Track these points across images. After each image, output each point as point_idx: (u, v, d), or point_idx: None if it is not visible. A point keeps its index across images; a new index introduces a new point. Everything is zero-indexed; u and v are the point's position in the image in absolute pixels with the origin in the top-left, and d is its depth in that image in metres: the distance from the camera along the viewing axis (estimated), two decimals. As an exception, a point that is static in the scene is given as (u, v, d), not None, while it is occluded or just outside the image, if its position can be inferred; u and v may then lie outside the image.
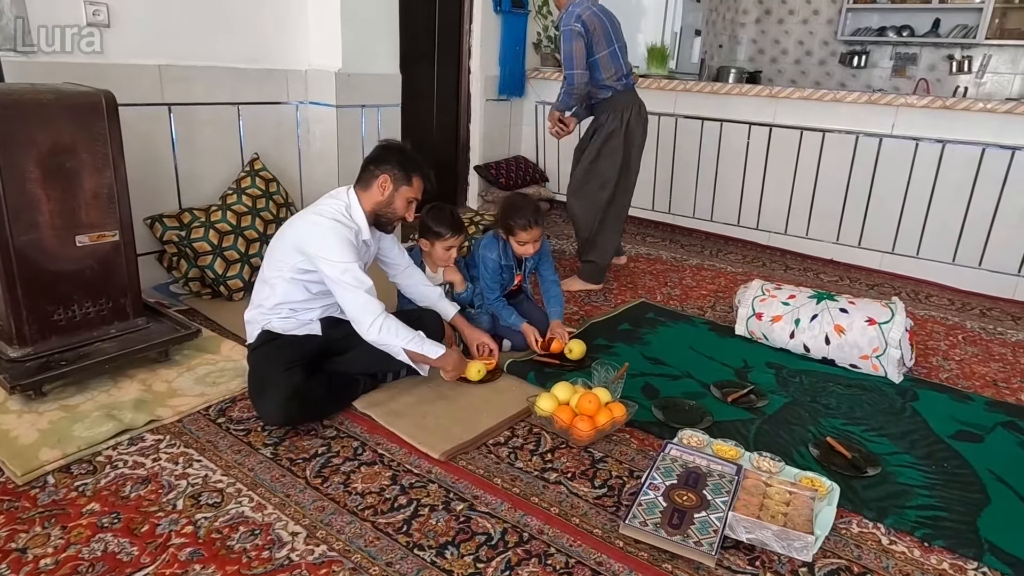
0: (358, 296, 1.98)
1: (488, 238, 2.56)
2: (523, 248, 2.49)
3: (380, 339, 2.01)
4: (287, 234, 2.08)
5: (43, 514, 1.58)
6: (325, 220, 2.03)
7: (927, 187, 3.64)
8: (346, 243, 2.01)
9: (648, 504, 1.66)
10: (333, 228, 2.01)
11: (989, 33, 6.02)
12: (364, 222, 2.12)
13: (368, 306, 1.99)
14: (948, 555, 1.62)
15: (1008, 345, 3.00)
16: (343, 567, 1.47)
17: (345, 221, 2.06)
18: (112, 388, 2.14)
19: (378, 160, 2.11)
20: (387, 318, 2.02)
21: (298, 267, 2.04)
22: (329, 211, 2.06)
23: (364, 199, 2.12)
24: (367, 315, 1.99)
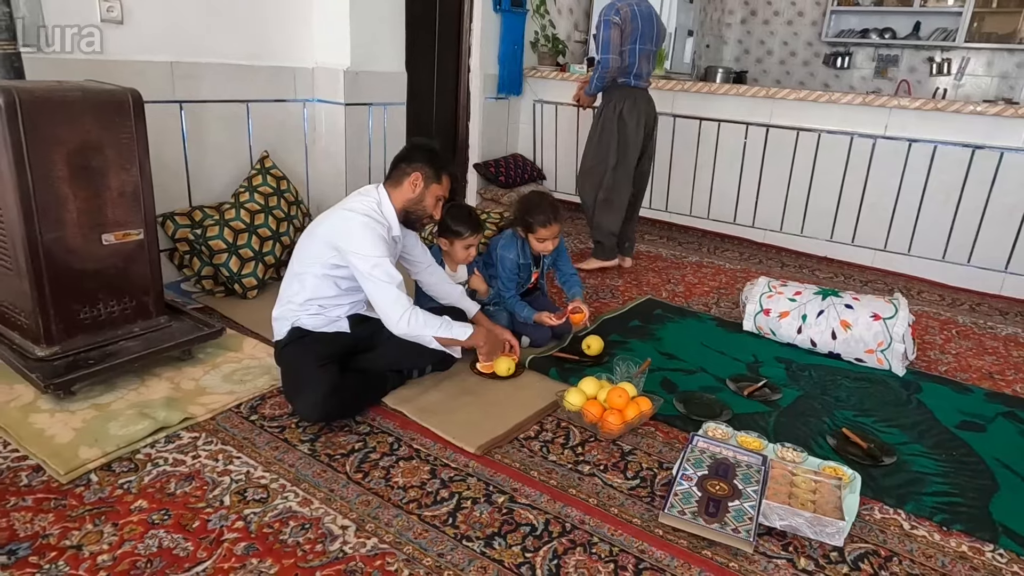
0: (388, 291, 2.02)
1: (506, 237, 2.60)
2: (542, 245, 2.54)
3: (410, 331, 2.05)
4: (319, 230, 2.10)
5: (92, 512, 1.59)
6: (357, 216, 2.06)
7: (919, 187, 3.76)
8: (378, 238, 2.04)
9: (684, 494, 1.73)
10: (365, 223, 2.04)
11: (968, 36, 6.21)
12: (395, 219, 2.15)
13: (398, 300, 2.03)
14: (966, 538, 1.71)
15: (999, 339, 3.13)
16: (396, 559, 1.51)
17: (377, 217, 2.09)
18: (140, 387, 2.14)
19: (409, 158, 2.15)
20: (415, 310, 2.06)
21: (329, 263, 2.06)
22: (361, 207, 2.09)
23: (395, 196, 2.15)
24: (396, 309, 2.02)
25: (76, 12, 2.54)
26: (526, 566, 1.51)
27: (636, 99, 3.48)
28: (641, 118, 3.50)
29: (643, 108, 3.51)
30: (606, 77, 3.42)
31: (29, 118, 1.89)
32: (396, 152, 3.72)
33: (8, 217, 1.97)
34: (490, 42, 4.62)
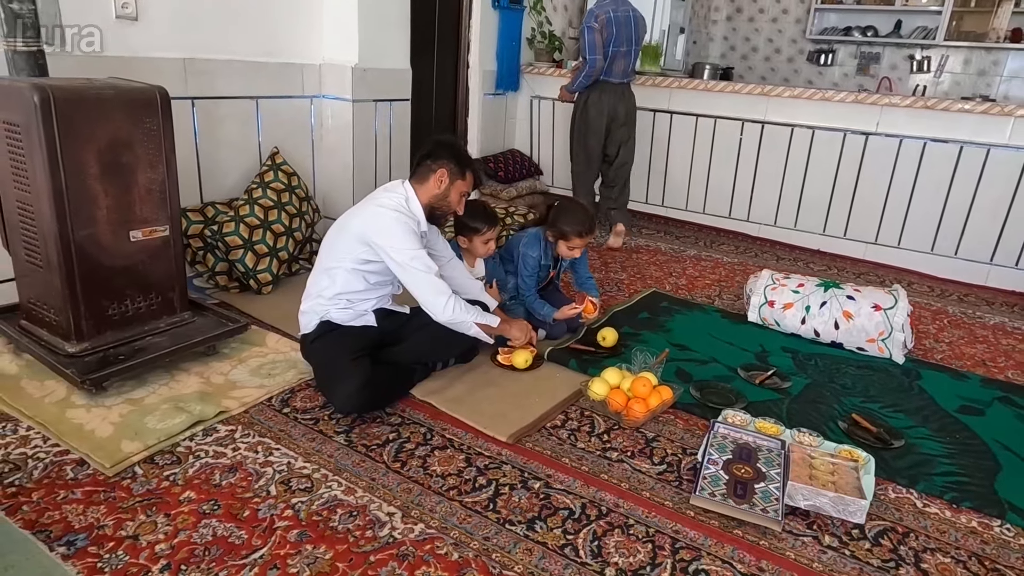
0: (429, 280, 2.08)
1: (530, 236, 2.65)
2: (571, 252, 2.62)
3: (454, 317, 2.12)
4: (350, 225, 2.14)
5: (142, 503, 1.63)
6: (389, 211, 2.10)
7: (909, 182, 3.90)
8: (411, 232, 2.10)
9: (712, 477, 1.81)
10: (398, 218, 2.09)
11: (947, 35, 6.39)
12: (422, 214, 2.19)
13: (440, 288, 2.10)
14: (975, 515, 1.82)
15: (988, 328, 3.27)
16: (444, 543, 1.57)
17: (406, 212, 2.14)
18: (170, 381, 2.17)
19: (435, 155, 2.19)
20: (456, 298, 2.14)
21: (361, 257, 2.11)
22: (390, 202, 2.14)
23: (420, 192, 2.20)
24: (440, 296, 2.09)
25: (91, 10, 2.54)
26: (569, 547, 1.58)
27: (602, 92, 3.95)
28: (604, 108, 3.96)
29: (607, 100, 3.96)
30: (592, 76, 3.87)
31: (63, 115, 1.90)
32: (402, 149, 3.82)
33: (40, 215, 1.98)
34: (489, 38, 4.66)
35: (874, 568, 1.59)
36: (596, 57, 3.80)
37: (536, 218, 2.76)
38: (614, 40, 3.80)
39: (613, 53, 3.83)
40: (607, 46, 3.81)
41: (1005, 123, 3.61)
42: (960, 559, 1.65)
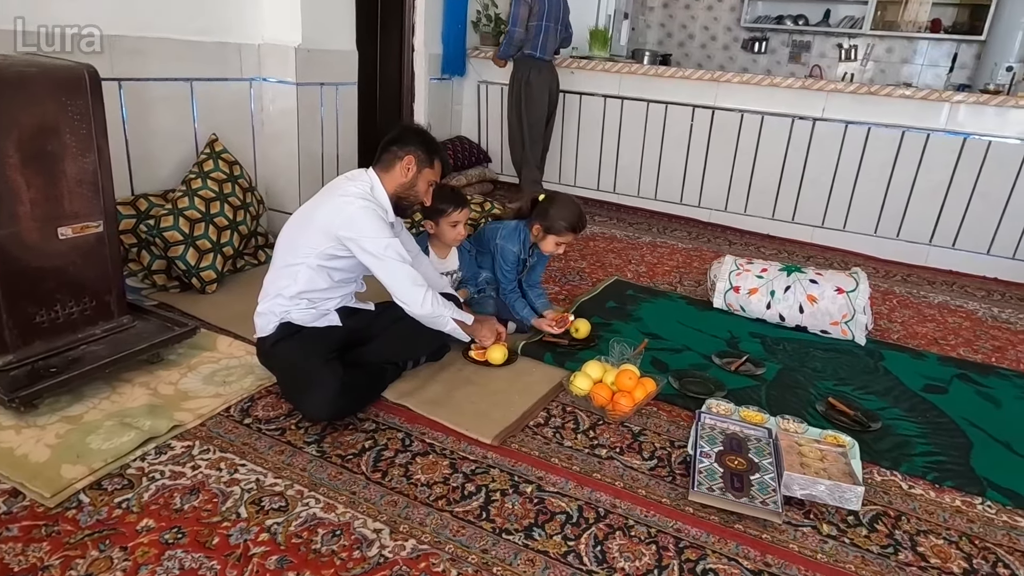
0: (406, 270, 1.96)
1: (509, 230, 2.53)
2: (557, 248, 2.51)
3: (433, 311, 2.00)
4: (314, 218, 1.97)
5: (93, 536, 1.44)
6: (355, 200, 1.95)
7: (854, 166, 4.00)
8: (380, 220, 1.96)
9: (707, 471, 1.76)
10: (365, 207, 1.94)
11: (873, 24, 6.63)
12: (388, 204, 2.05)
13: (417, 279, 1.98)
14: (958, 494, 1.85)
15: (934, 307, 3.39)
16: (440, 559, 1.46)
17: (373, 201, 1.99)
18: (112, 394, 1.95)
19: (402, 141, 2.05)
20: (433, 291, 2.02)
21: (327, 252, 1.95)
22: (356, 191, 1.98)
23: (386, 181, 2.05)
24: (417, 290, 1.97)
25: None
26: (572, 555, 1.50)
27: (541, 70, 4.22)
28: (545, 86, 4.24)
29: (545, 77, 4.24)
30: (512, 45, 4.16)
31: (-25, 97, 1.65)
32: (349, 136, 3.63)
33: (-49, 211, 1.73)
34: (434, 21, 4.49)
35: (875, 555, 1.58)
36: (516, 29, 4.09)
37: (516, 211, 2.64)
38: (545, 15, 4.05)
39: (546, 28, 4.08)
40: (539, 19, 4.05)
41: (943, 108, 3.74)
42: (952, 540, 1.66)
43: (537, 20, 4.06)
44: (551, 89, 4.31)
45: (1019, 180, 3.69)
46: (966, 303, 3.48)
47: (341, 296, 2.10)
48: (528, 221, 2.53)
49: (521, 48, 4.18)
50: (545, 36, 4.11)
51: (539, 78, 4.21)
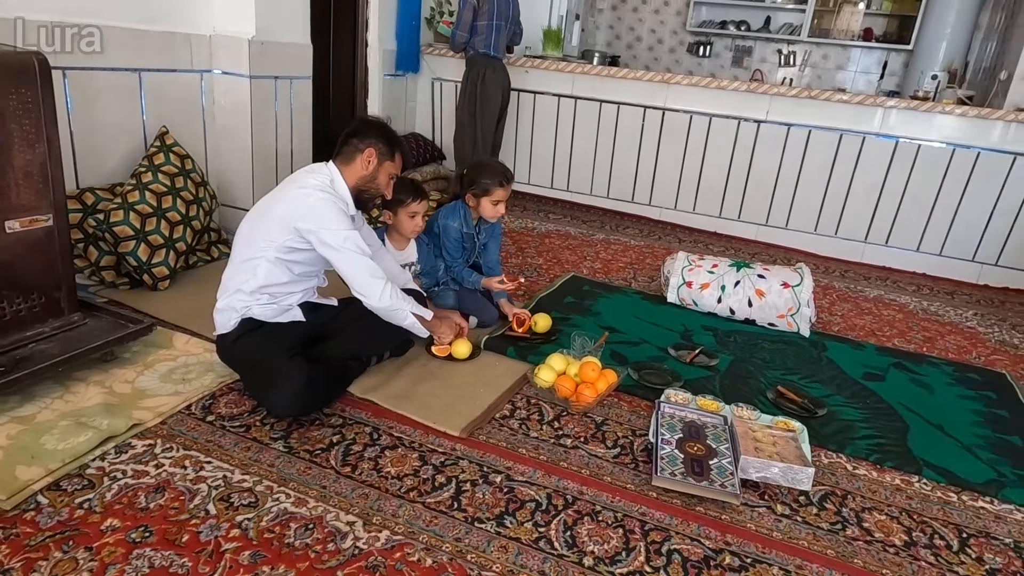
0: (365, 263, 1.95)
1: (447, 209, 2.61)
2: (496, 209, 2.56)
3: (391, 304, 2.00)
4: (272, 211, 1.95)
5: (55, 537, 1.40)
6: (314, 192, 1.93)
7: (795, 167, 4.18)
8: (340, 212, 1.95)
9: (669, 457, 1.83)
10: (325, 199, 1.93)
11: (810, 32, 6.93)
12: (349, 197, 2.04)
13: (376, 272, 1.97)
14: (897, 473, 1.97)
15: (870, 301, 3.58)
16: (415, 548, 1.47)
17: (333, 193, 1.98)
18: (65, 394, 1.88)
19: (362, 134, 2.04)
20: (392, 284, 2.01)
21: (285, 245, 1.93)
22: (315, 183, 1.97)
23: (347, 174, 2.04)
24: (377, 280, 1.97)
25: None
26: (543, 540, 1.54)
27: (495, 68, 4.24)
28: (498, 84, 4.26)
29: (500, 76, 4.26)
30: (456, 46, 4.24)
31: (-83, 83, 1.58)
32: (304, 131, 3.58)
33: None
34: (387, 17, 4.46)
35: (825, 531, 1.68)
36: (459, 32, 4.13)
37: (452, 194, 2.69)
38: (496, 14, 4.09)
39: (497, 27, 4.11)
40: (489, 19, 4.08)
41: (877, 112, 3.95)
42: (894, 515, 1.78)
43: (488, 19, 4.09)
44: (504, 87, 4.34)
45: (945, 182, 3.94)
46: (899, 297, 3.69)
47: (303, 291, 2.08)
48: (462, 196, 2.62)
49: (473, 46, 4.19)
50: (497, 35, 4.14)
51: (493, 76, 4.24)
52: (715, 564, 1.53)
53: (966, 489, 1.92)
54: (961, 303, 3.70)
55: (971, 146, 3.84)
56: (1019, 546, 1.70)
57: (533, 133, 4.77)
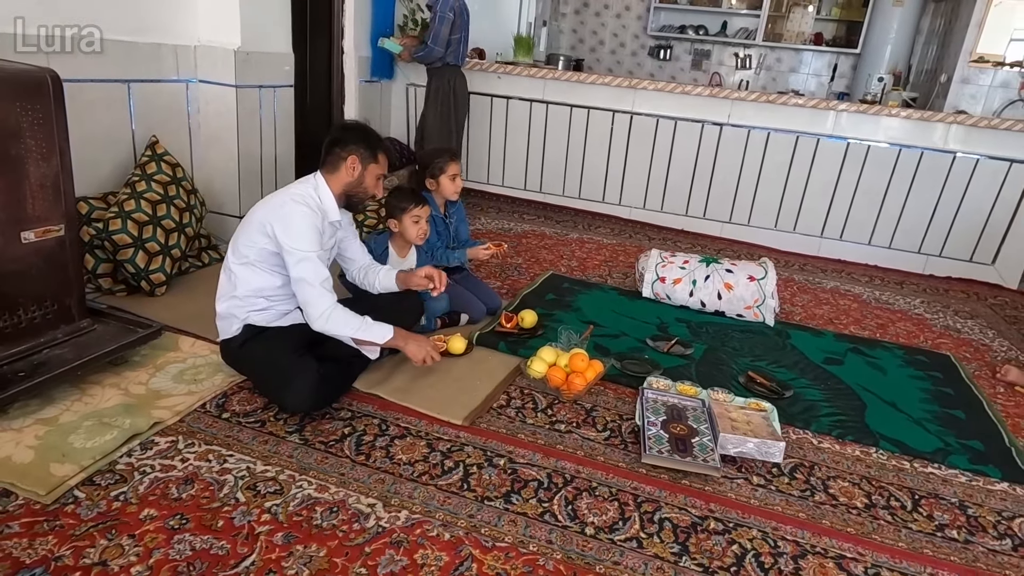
0: (311, 289, 1.98)
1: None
2: (454, 184, 2.82)
3: (327, 328, 2.02)
4: (254, 217, 2.04)
5: (98, 527, 1.50)
6: (291, 203, 2.02)
7: (756, 167, 4.42)
8: (310, 228, 2.01)
9: (656, 437, 2.01)
10: (297, 212, 2.00)
11: (765, 36, 7.24)
12: (332, 204, 2.12)
13: (321, 297, 1.99)
14: (857, 446, 2.19)
15: (827, 292, 3.84)
16: (433, 525, 1.61)
17: (312, 204, 2.05)
18: (83, 396, 1.97)
19: (343, 141, 2.12)
20: (335, 309, 2.02)
21: (264, 249, 2.01)
22: (297, 191, 2.06)
23: (332, 181, 2.13)
24: (316, 307, 1.99)
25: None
26: (548, 514, 1.70)
27: (460, 77, 4.39)
28: (465, 91, 4.44)
29: (464, 85, 4.43)
30: (430, 59, 4.24)
31: (-57, 101, 1.65)
32: (287, 138, 3.67)
33: (-86, 216, 1.71)
34: (362, 24, 4.55)
35: (796, 498, 1.88)
36: (437, 48, 4.16)
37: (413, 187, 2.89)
38: (464, 27, 4.25)
39: (464, 39, 4.27)
40: (459, 32, 4.21)
41: (830, 116, 4.22)
42: (855, 482, 1.98)
43: (458, 33, 4.22)
44: (467, 94, 4.54)
45: (892, 180, 4.23)
46: (853, 287, 3.96)
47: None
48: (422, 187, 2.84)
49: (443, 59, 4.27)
50: (464, 47, 4.33)
51: (461, 84, 4.40)
52: (702, 529, 1.71)
53: (917, 457, 2.15)
54: (909, 292, 3.99)
55: (915, 146, 4.14)
56: (963, 504, 1.93)
57: (506, 136, 4.92)
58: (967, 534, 1.80)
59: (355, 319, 2.05)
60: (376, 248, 2.62)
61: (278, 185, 3.54)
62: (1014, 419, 2.50)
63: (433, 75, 4.35)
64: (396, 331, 2.11)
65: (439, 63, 4.29)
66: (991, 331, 3.46)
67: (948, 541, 1.76)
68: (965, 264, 4.26)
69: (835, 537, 1.73)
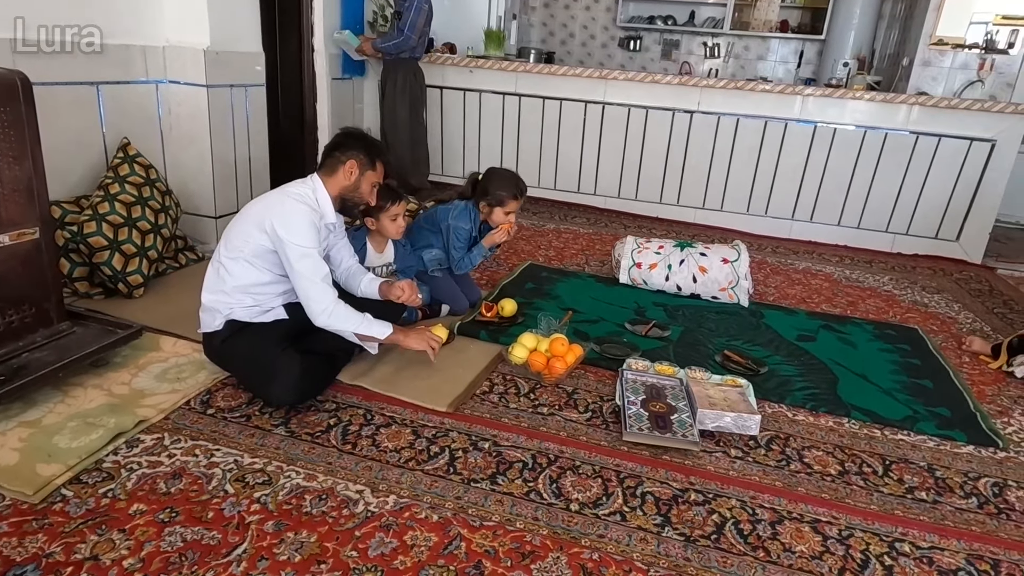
0: (313, 284, 2.01)
1: (460, 210, 2.79)
2: (507, 217, 2.77)
3: (331, 323, 2.05)
4: (250, 213, 2.06)
5: (87, 523, 1.51)
6: (291, 201, 2.05)
7: (727, 153, 4.51)
8: (310, 226, 2.04)
9: (635, 416, 2.06)
10: (298, 210, 2.03)
11: (732, 24, 7.34)
12: (329, 206, 2.16)
13: (324, 293, 2.03)
14: (830, 417, 2.26)
15: (799, 272, 3.93)
16: (421, 507, 1.65)
17: (311, 204, 2.10)
18: (65, 398, 1.96)
19: (343, 146, 2.16)
20: (338, 304, 2.05)
21: (260, 245, 2.03)
22: (296, 191, 2.09)
23: (330, 184, 2.16)
24: (318, 303, 2.02)
25: None
26: (533, 493, 1.74)
27: (422, 72, 4.57)
28: (422, 83, 4.59)
29: (423, 79, 4.60)
30: (400, 49, 4.32)
31: (-88, 105, 1.64)
32: (260, 138, 3.66)
33: None
34: (332, 21, 4.54)
35: (772, 468, 1.94)
36: (412, 36, 4.27)
37: (460, 192, 2.90)
38: (429, 20, 4.38)
39: (428, 33, 4.43)
40: (427, 25, 4.34)
41: (796, 100, 4.31)
42: (829, 451, 2.05)
43: (426, 26, 4.35)
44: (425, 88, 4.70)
45: (859, 162, 4.33)
46: (824, 267, 4.05)
47: (284, 292, 2.18)
48: (473, 201, 2.79)
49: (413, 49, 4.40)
50: (427, 41, 4.48)
51: (422, 78, 4.56)
52: (683, 501, 1.76)
53: (887, 426, 2.22)
54: (878, 270, 4.10)
55: (880, 128, 4.24)
56: (932, 468, 2.01)
57: (480, 130, 4.95)
58: (935, 495, 1.88)
59: (357, 315, 2.09)
60: (355, 244, 2.63)
61: (253, 185, 3.53)
62: (978, 386, 2.59)
63: (397, 69, 4.41)
64: (395, 328, 2.16)
65: (407, 54, 4.36)
66: (956, 304, 3.58)
67: (918, 502, 1.84)
68: (931, 241, 4.38)
69: (810, 503, 1.79)
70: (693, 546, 1.60)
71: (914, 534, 1.71)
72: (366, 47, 4.46)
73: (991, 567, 1.62)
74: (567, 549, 1.55)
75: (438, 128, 5.03)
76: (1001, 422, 2.32)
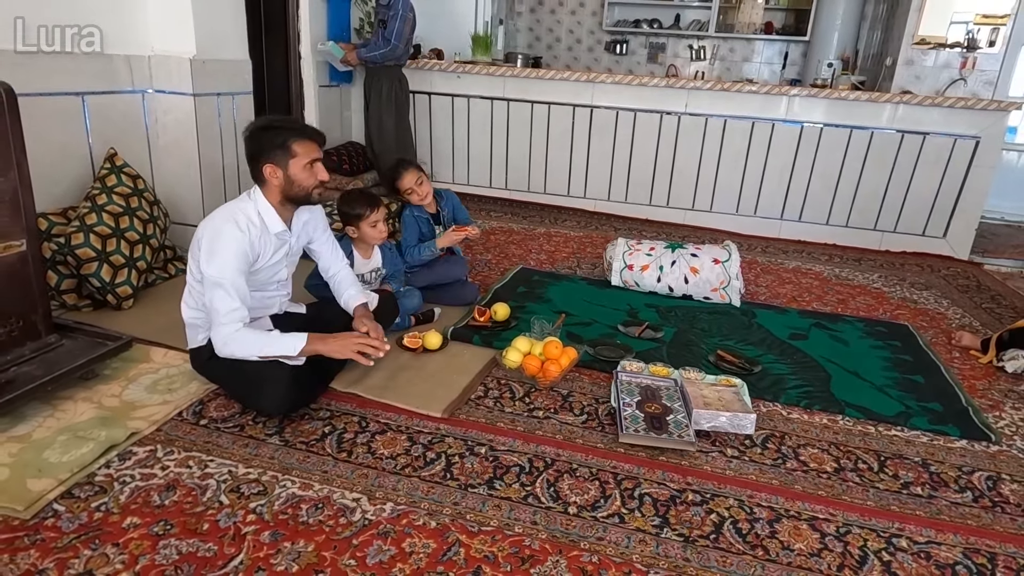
0: (215, 315, 1.91)
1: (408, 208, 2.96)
2: (420, 189, 2.90)
3: (229, 353, 1.93)
4: (197, 233, 1.98)
5: (80, 538, 1.49)
6: (222, 222, 1.94)
7: (715, 154, 4.53)
8: (233, 254, 1.90)
9: (631, 417, 2.06)
10: (224, 233, 1.92)
11: (717, 27, 7.39)
12: (273, 216, 2.03)
13: (222, 324, 1.90)
14: (824, 414, 2.27)
15: (789, 271, 3.95)
16: (418, 514, 1.64)
17: (243, 224, 1.95)
18: (55, 412, 1.94)
19: (253, 154, 2.01)
20: (237, 332, 1.91)
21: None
22: (234, 209, 1.99)
23: (268, 193, 2.03)
24: (216, 334, 1.92)
25: None
26: (531, 497, 1.73)
27: (406, 78, 4.57)
28: (406, 89, 4.59)
29: (408, 85, 4.60)
30: (386, 57, 4.31)
31: None
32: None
33: None
34: (319, 28, 4.54)
35: (769, 466, 1.94)
36: (399, 45, 4.27)
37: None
38: (413, 29, 4.37)
39: (411, 40, 4.41)
40: (411, 33, 4.35)
41: (782, 101, 4.34)
42: (824, 448, 2.06)
43: (411, 34, 4.35)
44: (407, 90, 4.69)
45: (846, 161, 4.36)
46: (814, 266, 4.08)
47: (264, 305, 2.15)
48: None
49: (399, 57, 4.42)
50: (411, 48, 4.47)
51: (407, 84, 4.57)
52: (680, 501, 1.76)
53: (881, 422, 2.23)
54: (867, 267, 4.13)
55: (865, 126, 4.28)
56: (926, 462, 2.02)
57: (469, 135, 4.95)
58: (931, 490, 1.89)
59: (259, 338, 1.94)
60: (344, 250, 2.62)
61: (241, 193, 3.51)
62: (969, 381, 2.61)
63: (381, 76, 4.40)
64: (311, 337, 1.97)
65: (392, 62, 4.37)
66: (945, 300, 3.61)
67: (913, 497, 1.85)
68: (918, 238, 4.42)
69: (807, 500, 1.80)
70: (692, 546, 1.59)
71: (911, 529, 1.71)
72: (351, 57, 4.42)
73: (987, 560, 1.62)
74: (566, 552, 1.54)
75: (426, 134, 5.03)
76: (993, 416, 2.33)
